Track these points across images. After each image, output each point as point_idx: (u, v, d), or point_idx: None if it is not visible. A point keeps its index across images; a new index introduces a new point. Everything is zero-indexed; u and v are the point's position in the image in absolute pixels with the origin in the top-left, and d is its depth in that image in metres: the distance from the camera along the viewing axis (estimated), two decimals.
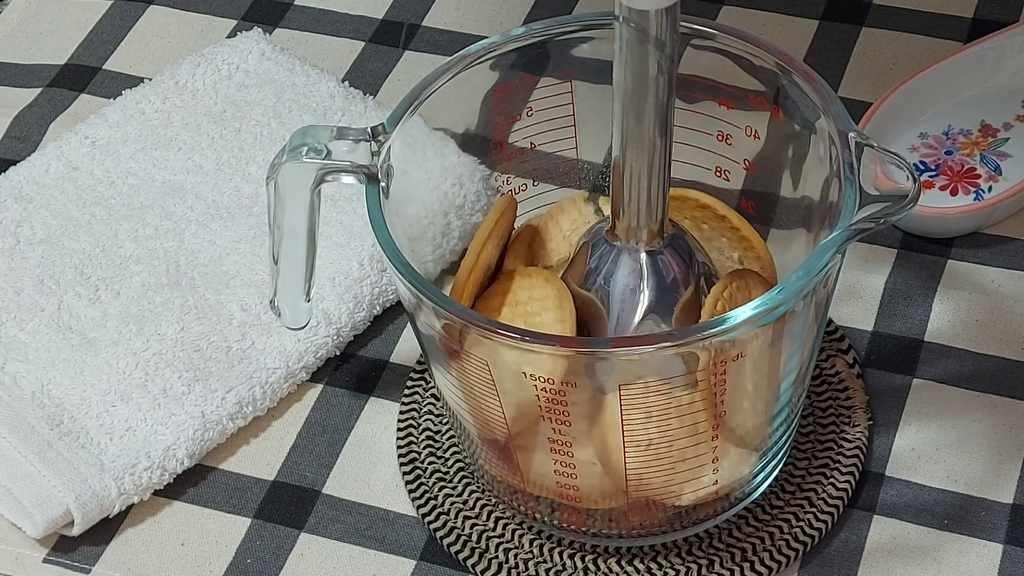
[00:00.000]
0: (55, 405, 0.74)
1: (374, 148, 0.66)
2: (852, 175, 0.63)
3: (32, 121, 0.89)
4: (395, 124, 0.67)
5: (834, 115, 0.65)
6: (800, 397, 0.69)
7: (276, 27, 0.94)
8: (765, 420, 0.67)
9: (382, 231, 0.64)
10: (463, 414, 0.68)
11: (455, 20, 0.93)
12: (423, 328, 0.66)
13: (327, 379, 0.77)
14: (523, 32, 0.69)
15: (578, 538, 0.70)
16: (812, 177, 0.67)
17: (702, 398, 0.63)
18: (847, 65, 0.88)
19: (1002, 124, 0.84)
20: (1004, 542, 0.70)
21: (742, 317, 0.60)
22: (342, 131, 0.66)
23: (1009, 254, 0.80)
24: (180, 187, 0.83)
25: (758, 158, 0.70)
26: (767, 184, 0.71)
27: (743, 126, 0.69)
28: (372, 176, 0.65)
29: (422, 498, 0.72)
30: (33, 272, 0.79)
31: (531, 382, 0.62)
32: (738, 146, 0.70)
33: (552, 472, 0.67)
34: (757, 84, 0.68)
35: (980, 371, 0.75)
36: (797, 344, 0.65)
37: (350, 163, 0.66)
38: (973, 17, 0.90)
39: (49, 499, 0.71)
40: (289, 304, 0.72)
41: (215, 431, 0.74)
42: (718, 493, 0.68)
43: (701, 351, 0.61)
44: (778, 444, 0.69)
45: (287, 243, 0.69)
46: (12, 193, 0.83)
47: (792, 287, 0.61)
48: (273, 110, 0.86)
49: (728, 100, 0.69)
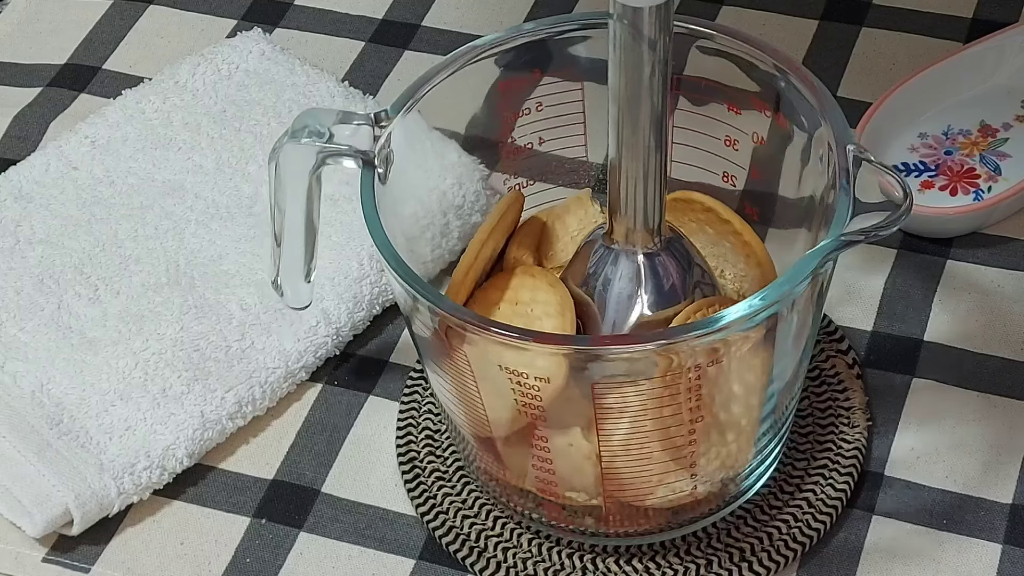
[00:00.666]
0: (55, 404, 0.74)
1: (376, 133, 0.66)
2: (848, 185, 0.63)
3: (32, 120, 0.89)
4: (399, 110, 0.67)
5: (832, 124, 0.65)
6: (791, 402, 0.69)
7: (276, 27, 0.94)
8: (750, 425, 0.67)
9: (372, 216, 0.64)
10: (454, 412, 0.68)
11: (455, 20, 0.93)
12: (417, 330, 0.66)
13: (326, 379, 0.77)
14: (532, 27, 0.69)
15: (575, 537, 0.70)
16: (812, 179, 0.67)
17: (678, 401, 0.63)
18: (847, 65, 0.88)
19: (1002, 124, 0.84)
20: (1003, 542, 0.70)
21: (724, 320, 0.60)
22: (346, 115, 0.66)
23: (1009, 254, 0.80)
24: (180, 187, 0.83)
25: (760, 159, 0.70)
26: (768, 184, 0.71)
27: (750, 132, 0.69)
28: (368, 162, 0.66)
29: (421, 497, 0.72)
30: (33, 271, 0.79)
31: (506, 375, 0.62)
32: (744, 151, 0.70)
33: (532, 467, 0.67)
34: (757, 86, 0.68)
35: (980, 371, 0.75)
36: (784, 349, 0.65)
37: (349, 147, 0.66)
38: (973, 17, 0.90)
39: (48, 498, 0.71)
40: (291, 284, 0.72)
41: (214, 430, 0.74)
42: (695, 496, 0.68)
43: (679, 354, 0.61)
44: (768, 448, 0.69)
45: (288, 224, 0.69)
46: (12, 192, 0.83)
47: (775, 293, 0.61)
48: (273, 110, 0.86)
49: (735, 104, 0.69)
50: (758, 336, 0.63)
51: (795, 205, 0.70)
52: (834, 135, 0.64)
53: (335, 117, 0.66)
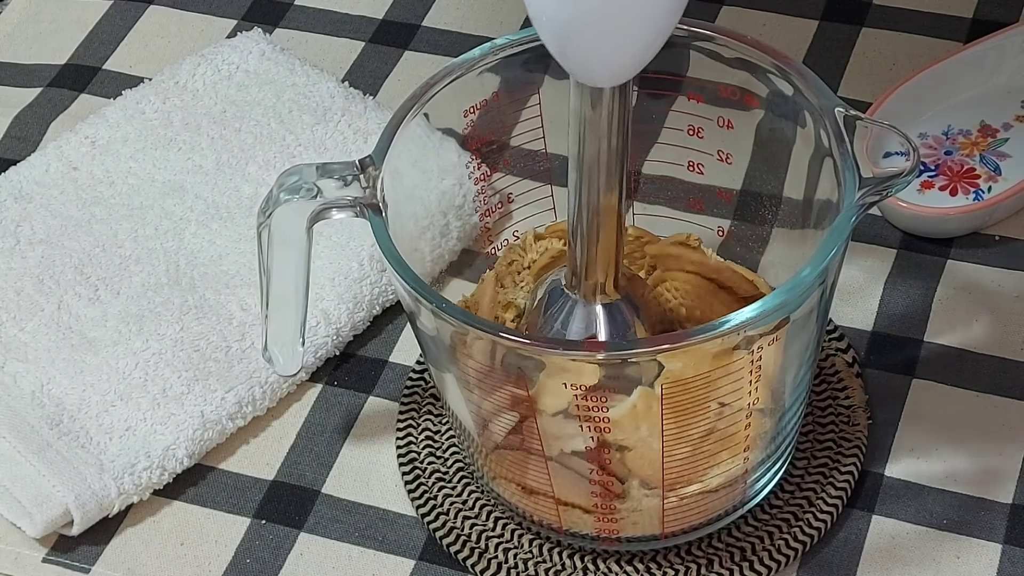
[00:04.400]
0: (55, 405, 0.74)
1: (363, 182, 0.65)
2: (847, 151, 0.63)
3: (32, 121, 0.89)
4: (382, 156, 0.66)
5: (817, 94, 0.65)
6: (806, 394, 0.69)
7: (276, 27, 0.94)
8: (774, 420, 0.67)
9: (397, 259, 0.63)
10: (465, 416, 0.68)
11: (455, 20, 0.93)
12: (422, 326, 0.66)
13: (326, 379, 0.77)
14: (525, 35, 0.69)
15: (575, 541, 0.70)
16: (797, 170, 0.68)
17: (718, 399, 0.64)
18: (847, 65, 0.88)
19: (1001, 124, 0.84)
20: (1003, 542, 0.70)
21: (770, 305, 0.60)
22: (327, 168, 0.65)
23: (1009, 254, 0.80)
24: (180, 187, 0.83)
25: (734, 152, 0.70)
26: (748, 180, 0.71)
27: (714, 117, 0.69)
28: (374, 207, 0.65)
29: (421, 498, 0.72)
30: (33, 272, 0.79)
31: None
32: (710, 139, 0.70)
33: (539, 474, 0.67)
34: (729, 76, 0.68)
35: (980, 371, 0.75)
36: (810, 334, 0.65)
37: (349, 198, 0.65)
38: (973, 17, 0.90)
39: (49, 499, 0.71)
40: (283, 350, 0.71)
41: (214, 431, 0.74)
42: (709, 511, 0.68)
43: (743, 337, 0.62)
44: (782, 447, 0.69)
45: (278, 288, 0.68)
46: (12, 193, 0.83)
47: (822, 260, 0.61)
48: (273, 110, 0.86)
49: (698, 94, 0.69)
50: (812, 305, 0.63)
51: (783, 200, 0.70)
52: (819, 102, 0.64)
53: (318, 171, 0.65)
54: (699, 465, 0.66)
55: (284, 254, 0.67)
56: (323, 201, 0.65)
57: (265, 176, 0.82)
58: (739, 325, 0.60)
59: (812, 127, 0.66)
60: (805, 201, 0.68)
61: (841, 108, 0.64)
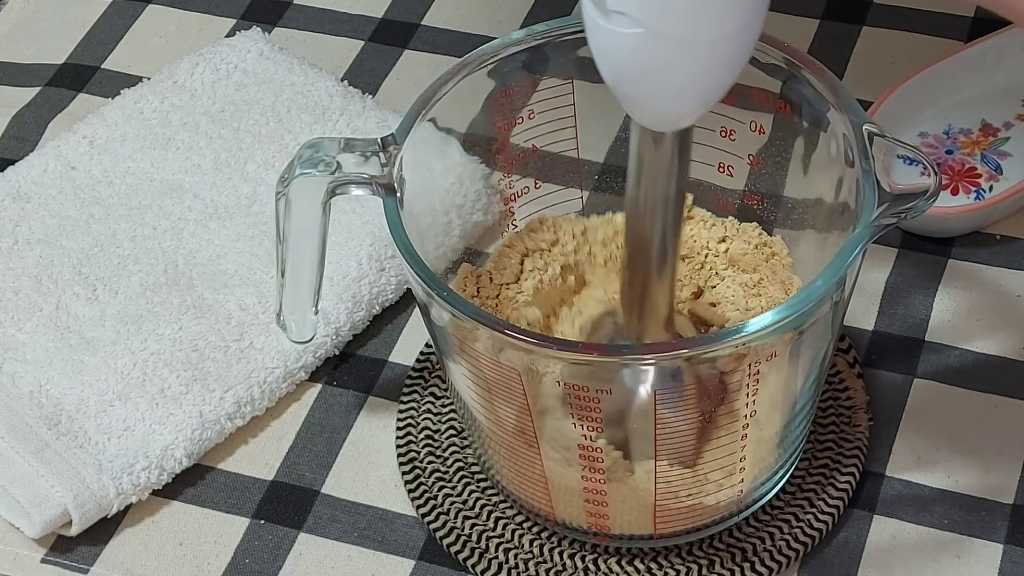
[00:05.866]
0: (53, 405, 0.74)
1: (383, 160, 0.65)
2: (869, 168, 0.62)
3: (30, 120, 0.89)
4: (405, 134, 0.66)
5: (847, 108, 0.64)
6: (812, 406, 0.69)
7: (275, 26, 0.94)
8: (781, 427, 0.67)
9: (405, 244, 0.63)
10: (479, 410, 0.68)
11: (455, 19, 0.93)
12: (434, 317, 0.65)
13: (326, 379, 0.77)
14: (523, 35, 0.69)
15: (569, 533, 0.70)
16: (822, 175, 0.67)
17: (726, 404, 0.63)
18: (847, 64, 0.88)
19: (1002, 123, 0.84)
20: (1004, 542, 0.70)
21: (763, 322, 0.60)
22: (350, 143, 0.66)
23: (1010, 253, 0.79)
24: (178, 187, 0.82)
25: (764, 155, 0.70)
26: (773, 183, 0.71)
27: (747, 121, 0.69)
28: (389, 187, 0.65)
29: (421, 498, 0.72)
30: (31, 272, 0.79)
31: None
32: (741, 142, 0.70)
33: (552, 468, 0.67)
34: (763, 81, 0.68)
35: (981, 370, 0.75)
36: (822, 344, 0.65)
37: (366, 175, 0.65)
38: (973, 16, 0.90)
39: (47, 499, 0.71)
40: (296, 318, 0.71)
41: (213, 431, 0.74)
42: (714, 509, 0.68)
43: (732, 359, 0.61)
44: (793, 448, 0.69)
45: (294, 257, 0.68)
46: (10, 193, 0.83)
47: (822, 287, 0.60)
48: (272, 109, 0.85)
49: (731, 96, 0.68)
50: (823, 312, 0.63)
51: (804, 202, 0.70)
52: (849, 118, 0.64)
53: (340, 145, 0.65)
54: (696, 474, 0.66)
55: (300, 224, 0.67)
56: (340, 176, 0.65)
57: (264, 175, 0.82)
58: (744, 336, 0.60)
59: (839, 141, 0.65)
60: (829, 208, 0.68)
61: (870, 126, 0.64)
